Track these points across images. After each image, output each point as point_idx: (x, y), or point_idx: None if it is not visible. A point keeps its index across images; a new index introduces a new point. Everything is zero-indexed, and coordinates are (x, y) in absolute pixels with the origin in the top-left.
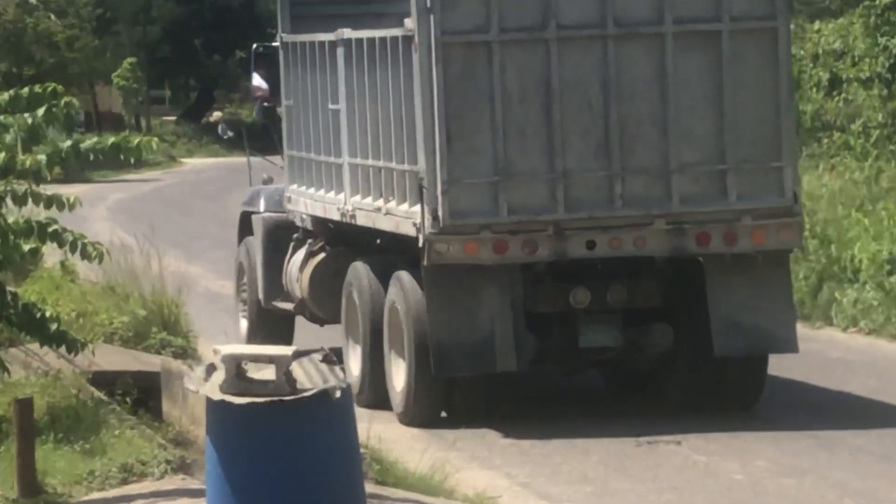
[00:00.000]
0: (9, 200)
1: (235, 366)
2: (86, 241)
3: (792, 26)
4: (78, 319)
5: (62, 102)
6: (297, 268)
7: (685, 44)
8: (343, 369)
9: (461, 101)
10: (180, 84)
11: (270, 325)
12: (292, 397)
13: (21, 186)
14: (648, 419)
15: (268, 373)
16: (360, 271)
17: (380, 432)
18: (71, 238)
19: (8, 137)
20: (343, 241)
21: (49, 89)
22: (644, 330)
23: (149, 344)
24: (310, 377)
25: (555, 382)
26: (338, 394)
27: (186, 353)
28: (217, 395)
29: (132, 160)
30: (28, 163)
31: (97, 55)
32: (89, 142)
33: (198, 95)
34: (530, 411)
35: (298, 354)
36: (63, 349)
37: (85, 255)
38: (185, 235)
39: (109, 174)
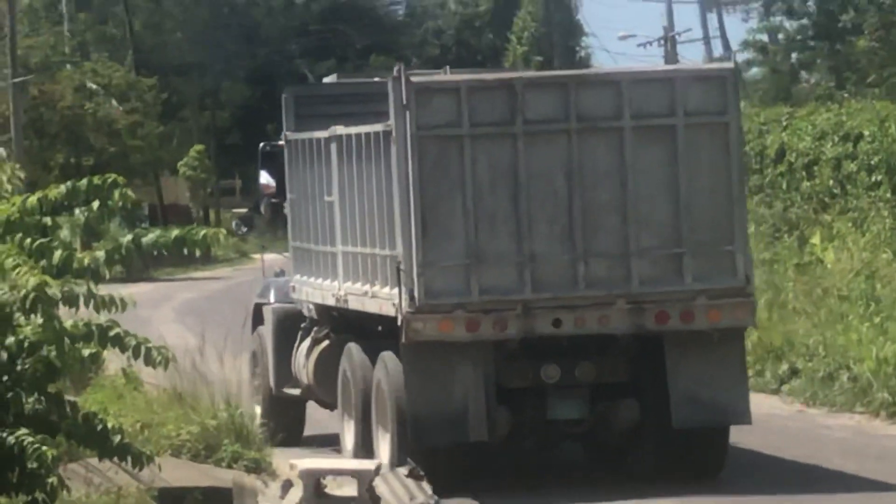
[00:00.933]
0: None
1: (314, 481)
2: (150, 345)
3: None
4: (143, 431)
5: (117, 195)
6: (304, 355)
7: (643, 137)
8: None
9: (435, 190)
10: (252, 173)
11: (282, 410)
12: None
13: (80, 287)
14: None
15: (349, 489)
16: (352, 352)
17: None
18: (134, 342)
19: (63, 233)
20: (346, 327)
21: (108, 180)
22: (611, 405)
23: (219, 457)
24: (395, 494)
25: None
26: None
27: (260, 468)
28: None
29: (198, 254)
30: (86, 261)
31: (162, 143)
32: (151, 236)
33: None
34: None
35: (382, 468)
36: (127, 463)
37: (149, 361)
38: None
39: (175, 272)
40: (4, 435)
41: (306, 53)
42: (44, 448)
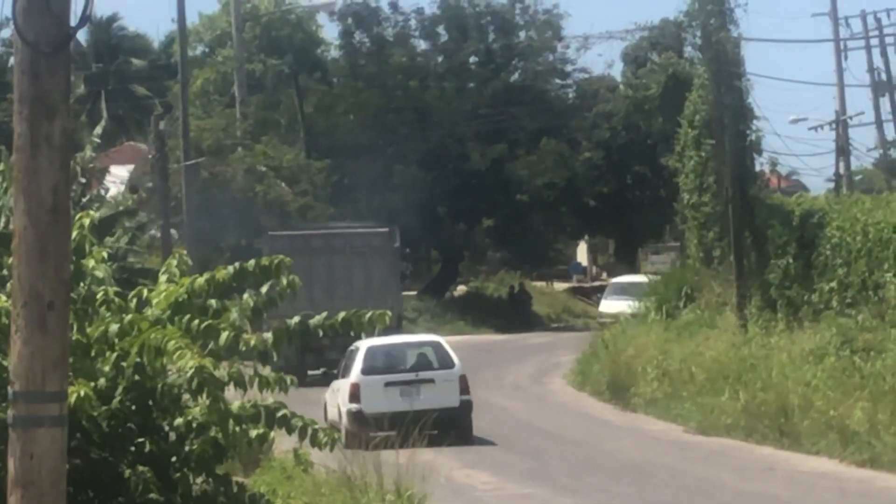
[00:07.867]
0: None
1: None
2: (317, 426)
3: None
4: None
5: (285, 280)
6: None
7: (356, 256)
8: None
9: None
10: (422, 255)
11: None
12: None
13: (247, 368)
14: None
15: None
16: None
17: None
18: (300, 423)
19: (232, 316)
20: None
21: (276, 262)
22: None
23: None
24: None
25: None
26: None
27: None
28: None
29: (363, 336)
30: (253, 342)
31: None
32: (318, 318)
33: (441, 267)
34: None
35: None
36: None
37: (315, 443)
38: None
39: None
40: None
41: (478, 137)
42: None
